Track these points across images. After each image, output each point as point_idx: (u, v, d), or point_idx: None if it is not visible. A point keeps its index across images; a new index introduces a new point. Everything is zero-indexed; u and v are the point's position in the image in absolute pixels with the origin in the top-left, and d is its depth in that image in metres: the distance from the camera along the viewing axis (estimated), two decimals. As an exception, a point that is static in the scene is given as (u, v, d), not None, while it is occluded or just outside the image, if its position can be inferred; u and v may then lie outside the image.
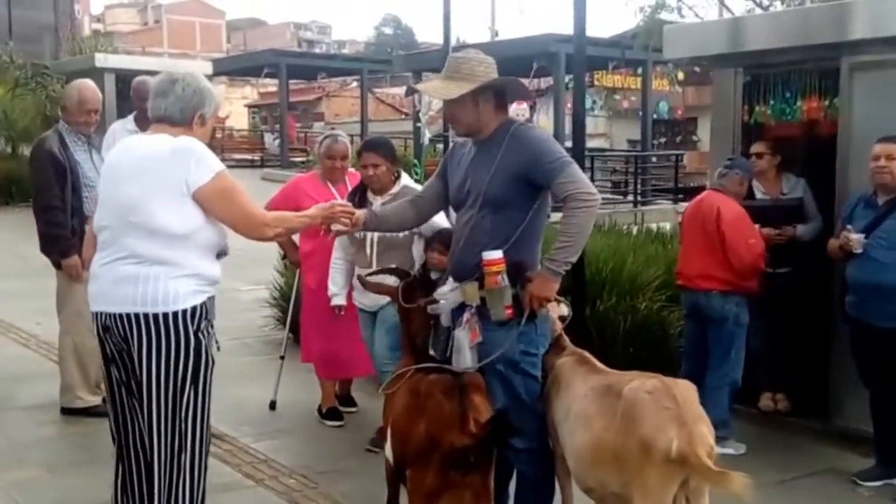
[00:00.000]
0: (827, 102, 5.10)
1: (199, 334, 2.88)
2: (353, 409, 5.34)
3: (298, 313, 5.39)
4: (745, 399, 5.19)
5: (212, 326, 2.98)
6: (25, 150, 18.22)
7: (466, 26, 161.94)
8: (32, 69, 18.61)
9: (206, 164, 2.87)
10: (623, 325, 5.78)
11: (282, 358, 5.53)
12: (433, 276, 3.85)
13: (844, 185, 4.90)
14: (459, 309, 3.27)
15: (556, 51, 17.44)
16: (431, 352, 3.35)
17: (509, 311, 3.10)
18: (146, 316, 2.81)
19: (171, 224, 2.84)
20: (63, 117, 5.23)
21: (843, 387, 4.92)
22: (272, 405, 5.35)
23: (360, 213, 3.56)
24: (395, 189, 4.49)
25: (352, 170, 5.30)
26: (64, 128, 5.15)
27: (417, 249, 4.38)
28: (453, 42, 8.47)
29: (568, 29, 5.44)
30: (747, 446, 4.80)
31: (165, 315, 2.81)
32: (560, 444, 3.13)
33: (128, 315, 2.83)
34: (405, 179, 4.59)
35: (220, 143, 29.96)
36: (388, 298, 4.04)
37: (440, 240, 3.92)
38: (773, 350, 5.40)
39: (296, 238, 5.18)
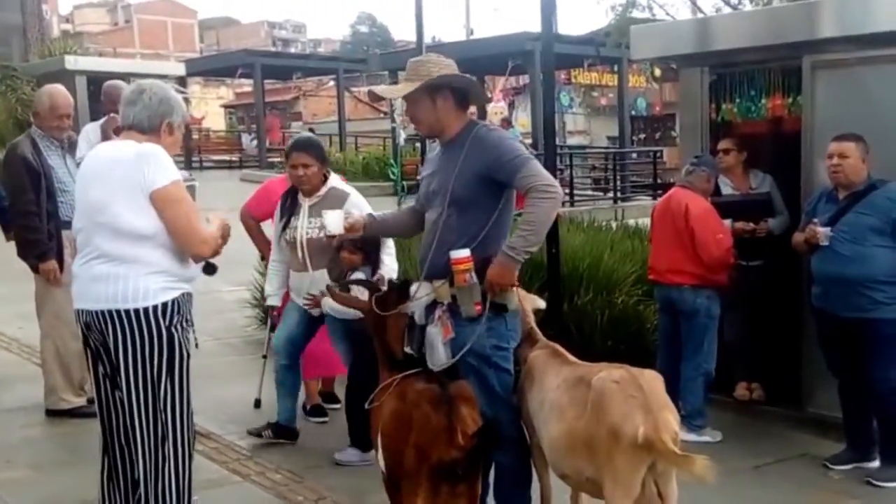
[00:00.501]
0: (791, 100, 5.24)
1: (173, 329, 3.01)
2: (337, 406, 5.42)
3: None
4: (721, 389, 5.34)
5: (187, 322, 3.10)
6: (-2, 154, 18.16)
7: (442, 24, 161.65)
8: (1, 72, 18.47)
9: (165, 170, 3.01)
10: (600, 319, 5.92)
11: (264, 357, 5.59)
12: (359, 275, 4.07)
13: (809, 180, 5.05)
14: (431, 306, 3.36)
15: (531, 49, 17.57)
16: (407, 348, 3.39)
17: (478, 308, 3.19)
18: (118, 312, 2.97)
19: (134, 224, 2.99)
20: (35, 122, 5.25)
21: (814, 375, 5.08)
22: (257, 403, 5.42)
23: (360, 218, 3.69)
24: (322, 190, 4.55)
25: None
26: (37, 133, 5.18)
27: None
28: (428, 41, 8.61)
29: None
30: (724, 434, 4.95)
31: (137, 311, 2.97)
32: (536, 433, 3.25)
33: (103, 312, 2.99)
34: (333, 181, 4.65)
35: (198, 145, 29.87)
36: None
37: (351, 240, 3.99)
38: (747, 341, 5.55)
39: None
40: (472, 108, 3.51)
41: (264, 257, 5.51)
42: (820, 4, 4.91)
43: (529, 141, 18.31)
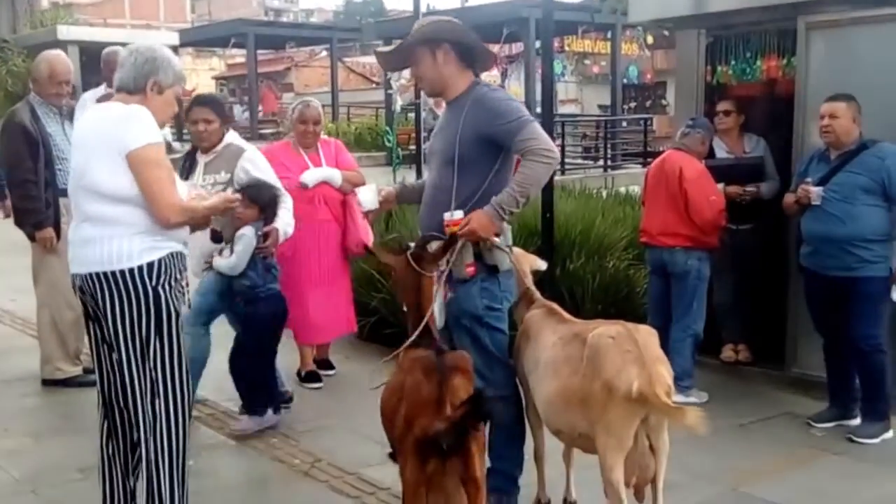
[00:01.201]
0: (785, 61, 5.26)
1: (160, 288, 2.98)
2: (331, 372, 5.46)
3: (275, 280, 5.48)
4: (708, 351, 5.41)
5: (177, 281, 3.06)
6: (-11, 124, 18.00)
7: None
8: (-9, 43, 18.28)
9: (142, 131, 2.93)
10: (592, 283, 5.96)
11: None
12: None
13: (802, 142, 5.06)
14: None
15: (526, 16, 17.46)
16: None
17: (471, 269, 3.22)
18: (105, 275, 2.96)
19: (114, 186, 2.94)
20: (34, 89, 5.22)
21: (798, 337, 5.15)
22: (251, 370, 5.44)
23: (391, 189, 3.70)
24: (220, 146, 4.55)
25: (325, 136, 5.38)
26: (35, 100, 5.15)
27: None
28: (423, 9, 8.53)
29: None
30: (710, 395, 5.01)
31: (123, 272, 2.94)
32: (530, 392, 3.28)
33: (92, 275, 2.98)
34: (231, 137, 4.62)
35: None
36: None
37: (245, 194, 4.03)
38: (735, 303, 5.60)
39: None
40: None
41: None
42: (815, -35, 4.90)
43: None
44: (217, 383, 5.25)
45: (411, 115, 15.29)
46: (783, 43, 5.27)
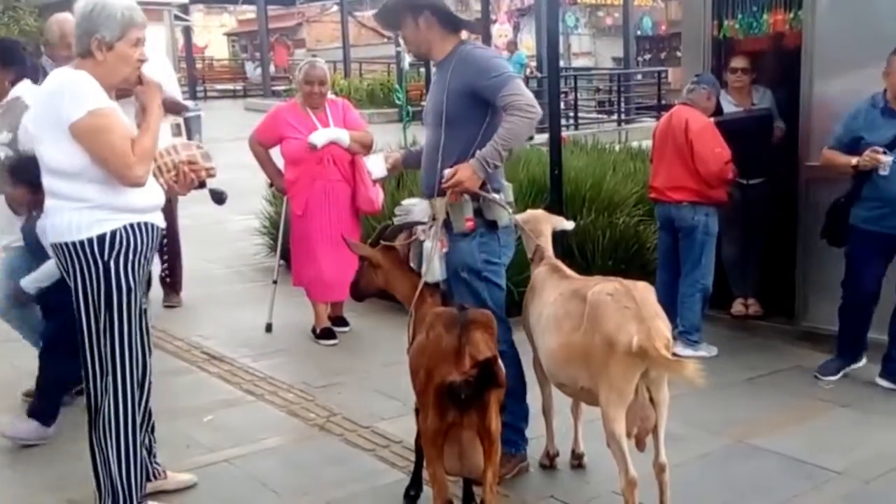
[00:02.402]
0: (792, 15, 5.24)
1: (111, 262, 2.87)
2: (346, 329, 5.58)
3: (288, 240, 5.59)
4: (718, 305, 5.48)
5: (135, 253, 2.92)
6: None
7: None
8: (3, 3, 18.26)
9: (78, 101, 2.77)
10: (602, 239, 6.03)
11: (274, 283, 5.74)
12: None
13: (809, 94, 5.08)
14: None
15: (536, -31, 17.23)
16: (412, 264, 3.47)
17: (470, 223, 3.32)
18: (57, 245, 2.92)
19: (58, 161, 2.84)
20: (46, 52, 5.24)
21: (808, 291, 5.22)
22: (268, 328, 5.59)
23: (398, 154, 3.81)
24: (7, 98, 4.17)
25: (331, 96, 5.42)
26: (47, 63, 5.18)
27: None
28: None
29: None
30: (719, 349, 5.08)
31: (74, 244, 2.86)
32: (535, 345, 3.38)
33: (52, 244, 2.97)
34: (20, 89, 4.16)
35: (201, 74, 29.68)
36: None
37: (12, 170, 3.78)
38: (744, 257, 5.67)
39: (281, 166, 5.36)
40: (465, 34, 3.53)
41: (272, 184, 5.59)
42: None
43: (534, 63, 18.12)
44: (233, 340, 5.42)
45: (422, 69, 15.26)
46: (790, -4, 5.25)
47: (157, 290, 5.93)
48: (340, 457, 3.82)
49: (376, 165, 3.76)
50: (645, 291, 2.96)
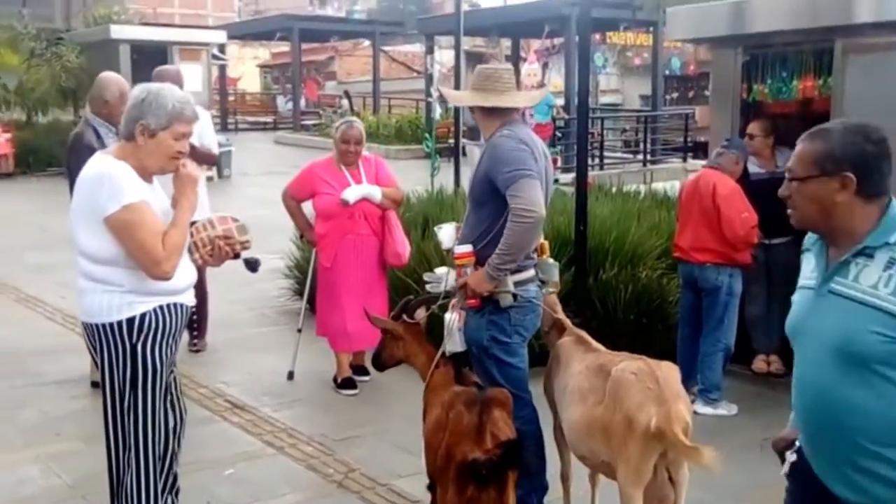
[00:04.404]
0: (822, 82, 5.26)
1: (139, 345, 2.92)
2: (366, 378, 5.60)
3: (315, 288, 5.65)
4: (740, 360, 5.48)
5: (163, 335, 2.96)
6: (41, 120, 18.48)
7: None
8: (47, 40, 18.73)
9: (116, 194, 2.85)
10: (624, 293, 6.00)
11: (299, 331, 5.78)
12: None
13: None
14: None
15: (567, 13, 17.46)
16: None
17: (472, 302, 3.37)
18: (88, 326, 3.00)
19: (92, 247, 2.93)
20: (94, 109, 5.25)
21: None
22: (290, 375, 5.63)
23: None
24: None
25: (366, 153, 5.51)
26: (96, 121, 5.18)
27: None
28: (467, 5, 8.63)
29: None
30: (739, 406, 5.06)
31: (102, 326, 2.93)
32: (559, 415, 3.40)
33: (83, 323, 3.05)
34: None
35: (233, 106, 30.15)
36: None
37: None
38: (767, 315, 5.65)
39: (312, 219, 5.45)
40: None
41: (303, 236, 5.66)
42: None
43: (562, 102, 18.23)
44: (255, 387, 5.46)
45: (451, 107, 15.47)
46: (820, 63, 5.28)
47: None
48: (358, 516, 3.83)
49: (447, 236, 3.74)
50: (669, 372, 2.98)
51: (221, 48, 22.81)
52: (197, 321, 6.21)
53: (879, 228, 1.96)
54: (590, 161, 16.35)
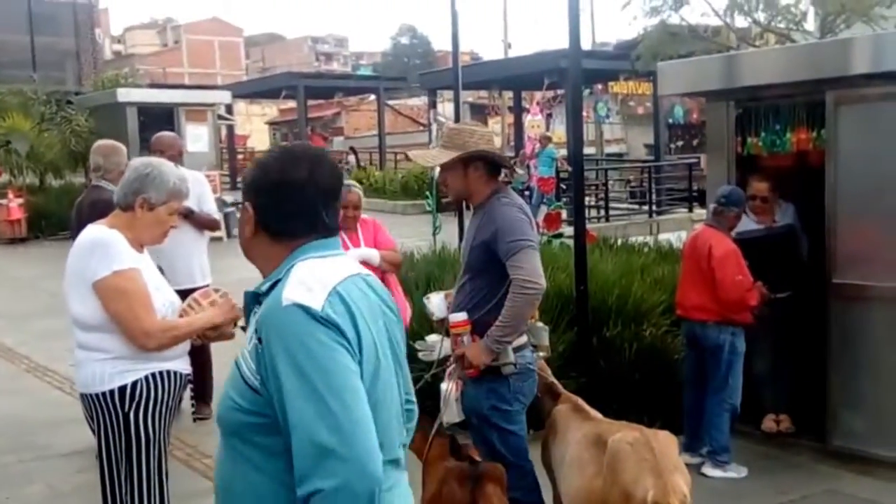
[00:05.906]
0: (815, 134, 5.29)
1: (131, 414, 2.94)
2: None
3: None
4: (749, 420, 5.40)
5: (156, 403, 2.98)
6: (53, 183, 18.73)
7: (481, 36, 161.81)
8: (57, 104, 19.08)
9: (107, 259, 2.90)
10: (628, 352, 5.95)
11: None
12: None
13: (833, 210, 5.12)
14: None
15: (566, 66, 17.59)
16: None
17: (470, 371, 3.33)
18: (85, 397, 3.03)
19: (82, 315, 2.96)
20: (113, 178, 5.12)
21: (839, 407, 5.13)
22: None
23: (454, 293, 3.74)
24: None
25: (364, 216, 5.56)
26: (107, 185, 5.15)
27: None
28: (468, 57, 8.77)
29: (581, 42, 5.78)
30: (750, 467, 4.99)
31: (95, 396, 2.95)
32: (555, 483, 3.38)
33: (80, 395, 3.08)
34: None
35: (243, 165, 30.44)
36: None
37: None
38: (774, 372, 5.59)
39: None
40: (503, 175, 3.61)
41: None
42: (845, 43, 4.99)
43: (564, 153, 18.36)
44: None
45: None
46: (813, 115, 5.31)
47: (185, 402, 5.95)
48: None
49: (437, 306, 3.68)
50: (666, 441, 2.97)
51: (228, 108, 23.17)
52: (200, 387, 6.18)
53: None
54: (595, 213, 16.40)
